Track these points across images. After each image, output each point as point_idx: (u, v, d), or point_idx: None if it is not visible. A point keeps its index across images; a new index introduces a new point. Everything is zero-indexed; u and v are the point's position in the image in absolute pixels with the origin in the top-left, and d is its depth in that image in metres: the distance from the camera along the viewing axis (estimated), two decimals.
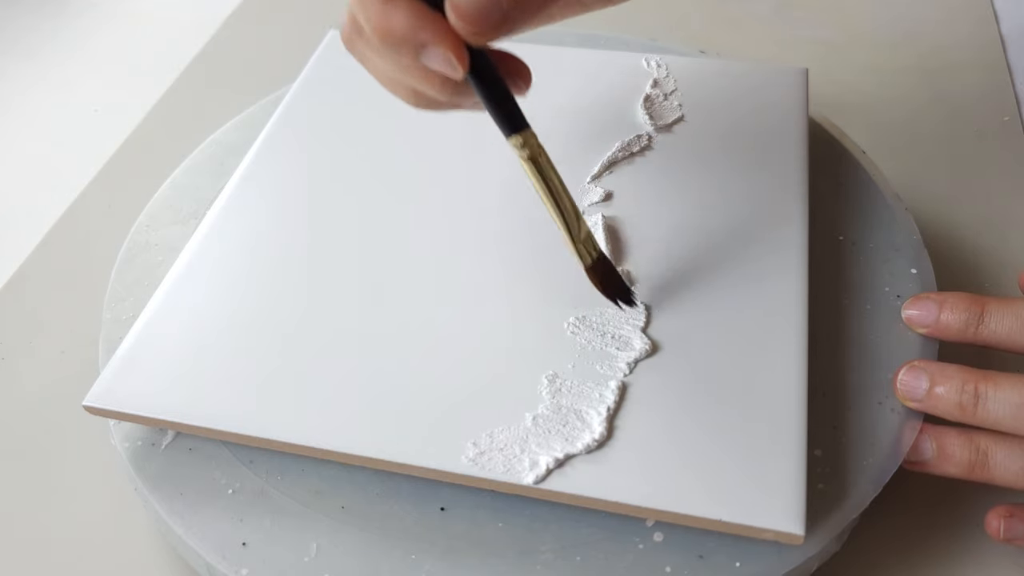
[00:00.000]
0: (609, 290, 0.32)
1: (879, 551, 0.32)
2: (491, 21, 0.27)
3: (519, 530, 0.30)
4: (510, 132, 0.30)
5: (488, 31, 0.27)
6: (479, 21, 0.27)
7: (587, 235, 0.32)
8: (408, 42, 0.27)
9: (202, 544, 0.30)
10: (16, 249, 0.46)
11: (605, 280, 0.32)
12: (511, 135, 0.30)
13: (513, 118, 0.30)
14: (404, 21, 0.27)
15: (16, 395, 0.40)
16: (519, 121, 0.30)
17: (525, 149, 0.30)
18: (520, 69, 0.31)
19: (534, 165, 0.30)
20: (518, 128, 0.30)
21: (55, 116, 0.57)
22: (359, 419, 0.30)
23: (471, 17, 0.27)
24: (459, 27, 0.27)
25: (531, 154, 0.30)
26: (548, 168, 0.30)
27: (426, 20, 0.27)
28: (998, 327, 0.31)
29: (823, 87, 0.50)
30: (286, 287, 0.35)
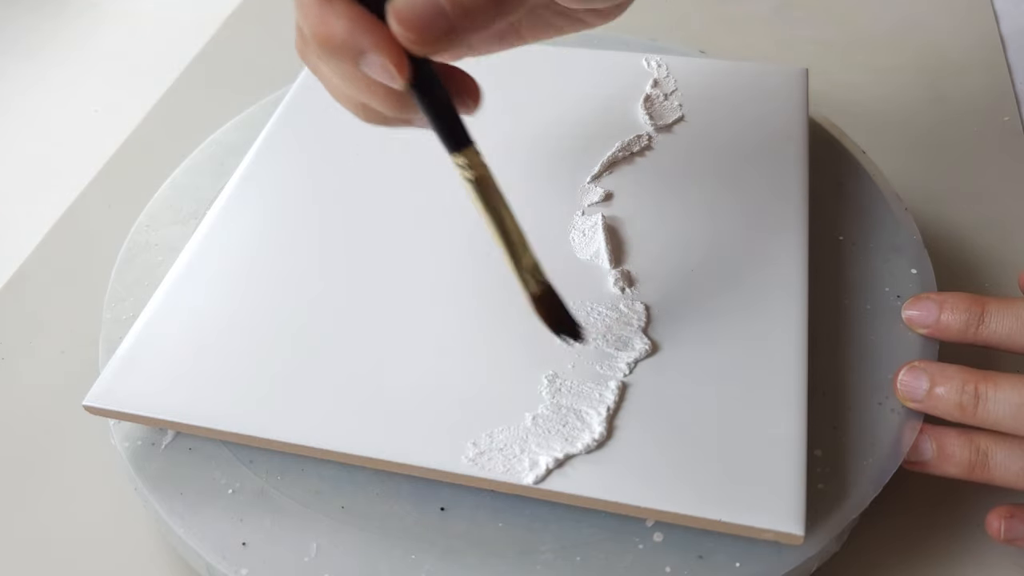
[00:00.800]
0: (554, 323, 0.30)
1: (879, 551, 0.32)
2: (434, 31, 0.25)
3: (519, 530, 0.30)
4: (452, 149, 0.28)
5: (431, 41, 0.26)
6: (421, 29, 0.25)
7: (533, 264, 0.29)
8: (347, 48, 0.26)
9: (202, 544, 0.30)
10: (16, 249, 0.46)
11: (551, 312, 0.30)
12: (453, 153, 0.28)
13: (455, 133, 0.28)
14: (342, 26, 0.26)
15: (16, 395, 0.40)
16: (462, 138, 0.28)
17: (469, 170, 0.28)
18: (469, 86, 0.29)
19: (477, 187, 0.28)
20: (460, 146, 0.28)
21: (55, 116, 0.57)
22: (359, 419, 0.30)
23: (412, 24, 0.25)
24: (400, 35, 0.25)
25: (475, 175, 0.28)
26: (492, 191, 0.28)
27: (365, 25, 0.26)
28: (998, 327, 0.31)
29: (823, 87, 0.50)
30: (286, 287, 0.35)
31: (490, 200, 0.28)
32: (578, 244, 0.36)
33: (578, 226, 0.36)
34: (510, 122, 0.41)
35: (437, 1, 0.25)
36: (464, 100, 0.29)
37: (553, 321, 0.30)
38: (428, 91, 0.27)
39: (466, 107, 0.29)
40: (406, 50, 0.26)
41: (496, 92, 0.42)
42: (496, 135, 0.40)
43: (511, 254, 0.29)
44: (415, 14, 0.25)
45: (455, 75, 0.29)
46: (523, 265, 0.29)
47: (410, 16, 0.25)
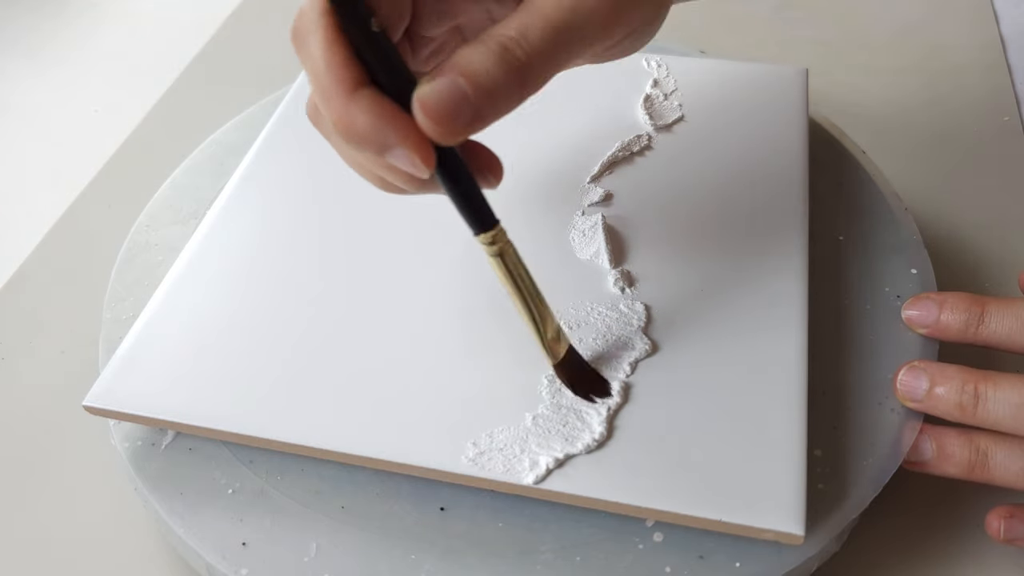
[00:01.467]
0: (577, 386, 0.31)
1: (879, 551, 0.32)
2: (461, 121, 0.25)
3: (519, 530, 0.30)
4: (478, 231, 0.28)
5: (458, 131, 0.25)
6: (448, 122, 0.24)
7: (556, 331, 0.30)
8: (371, 143, 0.25)
9: (202, 544, 0.30)
10: (16, 249, 0.46)
11: (573, 376, 0.31)
12: (478, 234, 0.28)
13: (481, 215, 0.28)
14: (367, 120, 0.25)
15: (16, 395, 0.40)
16: (487, 218, 0.28)
17: (494, 246, 0.28)
18: (491, 163, 0.28)
19: (502, 262, 0.28)
20: (487, 226, 0.28)
21: (55, 116, 0.57)
22: (359, 419, 0.30)
23: (439, 117, 0.24)
24: (426, 127, 0.24)
25: (499, 250, 0.28)
26: (517, 265, 0.29)
27: (391, 120, 0.25)
28: (998, 327, 0.31)
29: (823, 87, 0.50)
30: (286, 287, 0.35)
31: (513, 276, 0.29)
32: (578, 244, 0.36)
33: (578, 226, 0.36)
34: (510, 122, 0.41)
35: (461, 89, 0.24)
36: (486, 176, 0.28)
37: (576, 384, 0.31)
38: (452, 176, 0.27)
39: (488, 183, 0.28)
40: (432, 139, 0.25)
41: None
42: (496, 135, 0.41)
43: (535, 326, 0.30)
44: (441, 105, 0.24)
45: (477, 152, 0.28)
46: (546, 337, 0.30)
47: (436, 108, 0.24)
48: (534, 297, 0.29)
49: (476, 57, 0.25)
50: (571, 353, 0.31)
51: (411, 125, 0.25)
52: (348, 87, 0.25)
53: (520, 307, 0.29)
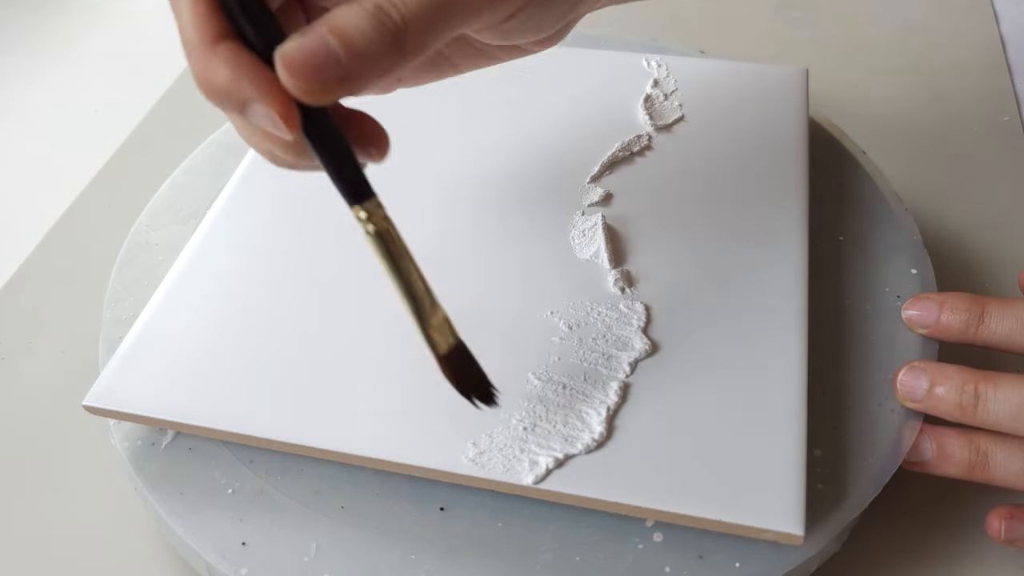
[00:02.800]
0: (463, 385, 0.29)
1: (879, 551, 0.32)
2: (326, 78, 0.23)
3: (519, 530, 0.30)
4: (352, 202, 0.26)
5: (324, 90, 0.23)
6: (312, 77, 0.23)
7: (442, 320, 0.28)
8: (231, 97, 0.24)
9: (202, 544, 0.30)
10: (16, 249, 0.46)
11: (460, 372, 0.29)
12: (352, 205, 0.26)
13: (355, 186, 0.26)
14: (225, 73, 0.23)
15: (16, 395, 0.40)
16: (362, 190, 0.26)
17: (369, 223, 0.26)
18: (375, 134, 0.27)
19: (378, 241, 0.26)
20: (360, 198, 0.26)
21: (55, 116, 0.57)
22: (359, 419, 0.30)
23: (303, 72, 0.23)
24: (288, 83, 0.23)
25: (376, 228, 0.26)
26: (395, 245, 0.26)
27: (249, 73, 0.23)
28: (998, 327, 0.31)
29: (823, 87, 0.50)
30: (286, 287, 0.35)
31: (392, 255, 0.26)
32: (578, 244, 0.36)
33: (578, 226, 0.36)
34: (510, 122, 0.41)
35: (329, 45, 0.23)
36: (368, 149, 0.27)
37: (462, 383, 0.29)
38: (322, 141, 0.25)
39: (370, 156, 0.27)
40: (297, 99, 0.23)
41: (496, 92, 0.42)
42: (496, 135, 0.41)
43: (416, 312, 0.27)
44: (305, 61, 0.23)
45: (359, 120, 0.27)
46: (430, 324, 0.27)
47: (300, 63, 0.23)
48: (416, 281, 0.27)
49: (350, 16, 0.23)
50: (459, 349, 0.28)
51: (272, 80, 0.23)
52: (209, 39, 0.24)
53: (399, 290, 0.27)
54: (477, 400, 0.29)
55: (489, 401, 0.29)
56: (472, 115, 0.41)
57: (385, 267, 0.27)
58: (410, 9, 0.24)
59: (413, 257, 0.27)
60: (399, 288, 0.27)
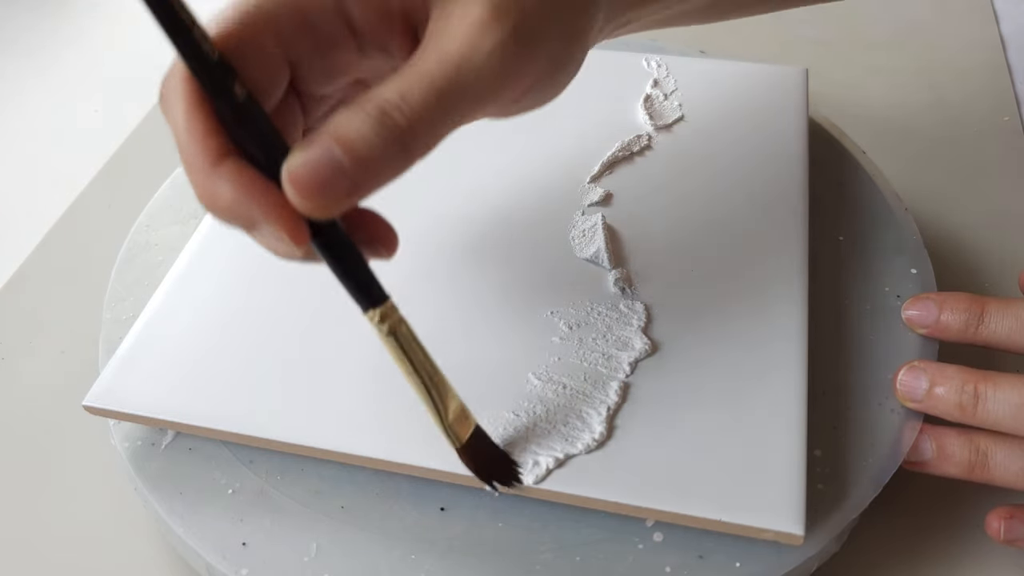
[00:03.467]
0: (483, 472, 0.28)
1: (879, 551, 0.32)
2: (336, 194, 0.22)
3: (519, 530, 0.30)
4: (365, 307, 0.26)
5: (333, 205, 0.22)
6: (321, 196, 0.22)
7: (459, 410, 0.28)
8: (237, 217, 0.23)
9: (202, 544, 0.30)
10: (16, 249, 0.46)
11: (479, 460, 0.28)
12: (366, 310, 0.26)
13: (367, 291, 0.25)
14: (231, 194, 0.22)
15: (16, 395, 0.40)
16: (375, 294, 0.26)
17: (383, 324, 0.26)
18: (384, 234, 0.26)
19: (395, 342, 0.26)
20: (374, 302, 0.26)
21: (55, 116, 0.57)
22: (359, 419, 0.31)
23: (311, 192, 0.22)
24: (297, 203, 0.22)
25: (390, 329, 0.26)
26: (410, 343, 0.27)
27: (256, 194, 0.22)
28: (998, 327, 0.31)
29: (823, 87, 0.50)
30: (286, 287, 0.35)
31: (407, 355, 0.27)
32: (578, 244, 0.36)
33: (578, 226, 0.36)
34: (510, 122, 0.41)
35: (336, 159, 0.22)
36: (377, 249, 0.26)
37: (482, 470, 0.29)
38: (331, 251, 0.25)
39: (378, 255, 0.26)
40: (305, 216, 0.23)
41: None
42: (496, 135, 0.41)
43: (435, 407, 0.27)
44: (312, 177, 0.22)
45: (367, 221, 0.26)
46: (448, 418, 0.28)
47: (307, 180, 0.22)
48: (431, 377, 0.27)
49: (353, 123, 0.22)
50: (477, 434, 0.28)
51: (279, 199, 0.22)
52: (211, 158, 0.23)
53: (417, 389, 0.27)
54: (498, 483, 0.28)
55: (509, 482, 0.28)
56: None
57: (401, 367, 0.27)
58: (415, 110, 0.23)
59: (427, 352, 0.27)
60: (415, 386, 0.27)
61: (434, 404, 0.27)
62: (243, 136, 0.23)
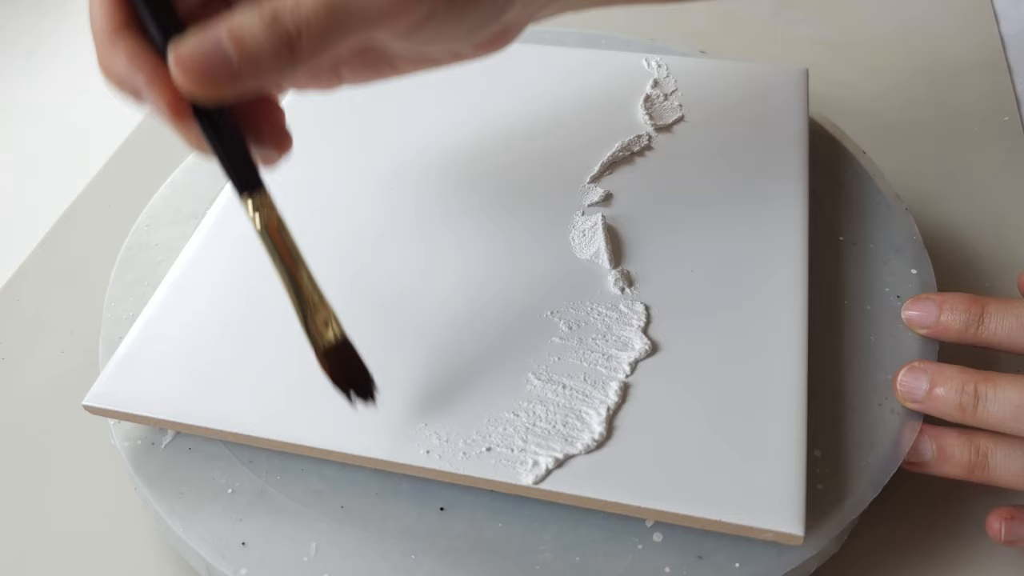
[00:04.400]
0: (341, 380, 0.29)
1: (879, 552, 0.32)
2: (217, 79, 0.24)
3: (519, 530, 0.30)
4: (239, 191, 0.26)
5: (213, 89, 0.24)
6: (201, 78, 0.24)
7: (327, 317, 0.28)
8: (126, 86, 0.25)
9: (202, 544, 0.30)
10: (16, 249, 0.46)
11: (340, 368, 0.29)
12: (242, 195, 0.26)
13: (242, 176, 0.26)
14: (122, 63, 0.25)
15: (16, 395, 0.40)
16: (250, 180, 0.26)
17: (256, 213, 0.27)
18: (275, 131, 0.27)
19: (266, 235, 0.27)
20: (249, 188, 0.26)
21: (55, 116, 0.57)
22: (359, 419, 0.30)
23: (192, 72, 0.24)
24: (179, 80, 0.24)
25: (264, 222, 0.27)
26: (283, 239, 0.27)
27: (143, 66, 0.24)
28: (998, 328, 0.31)
29: (823, 87, 0.50)
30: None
31: (280, 248, 0.27)
32: (578, 244, 0.36)
33: (578, 226, 0.36)
34: (510, 122, 0.41)
35: (223, 48, 0.24)
36: (266, 145, 0.27)
37: (340, 378, 0.29)
38: (211, 130, 0.26)
39: (267, 155, 0.28)
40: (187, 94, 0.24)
41: (496, 92, 0.42)
42: (496, 135, 0.41)
43: (299, 306, 0.28)
44: (196, 61, 0.24)
45: (264, 116, 0.27)
46: (315, 318, 0.28)
47: (191, 63, 0.24)
48: (303, 276, 0.28)
49: (246, 20, 0.24)
50: (343, 346, 0.29)
51: (164, 75, 0.24)
52: (113, 29, 0.25)
53: (286, 285, 0.28)
54: (354, 395, 0.29)
55: (367, 397, 0.29)
56: (472, 116, 0.41)
57: (272, 260, 0.27)
58: (303, 19, 0.24)
59: (301, 253, 0.28)
60: (285, 282, 0.28)
61: (300, 303, 0.28)
62: (144, 15, 0.25)
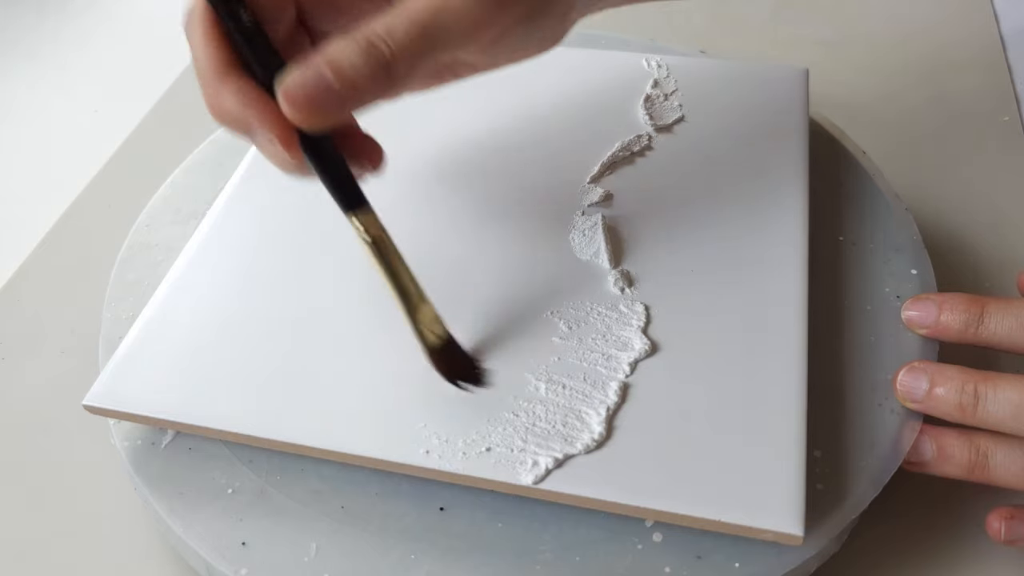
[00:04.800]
0: (452, 375, 0.31)
1: (879, 551, 0.32)
2: (323, 107, 0.26)
3: (519, 530, 0.30)
4: (347, 211, 0.29)
5: (320, 116, 0.26)
6: (309, 107, 0.26)
7: (432, 317, 0.30)
8: (238, 124, 0.27)
9: (202, 544, 0.30)
10: (16, 249, 0.46)
11: (449, 365, 0.31)
12: (348, 214, 0.29)
13: (348, 197, 0.29)
14: (233, 103, 0.27)
15: (16, 395, 0.40)
16: (356, 200, 0.29)
17: (364, 231, 0.29)
18: (370, 150, 0.30)
19: (373, 247, 0.29)
20: (354, 207, 0.29)
21: (55, 116, 0.57)
22: (359, 419, 0.31)
23: (300, 102, 0.26)
24: (288, 112, 0.26)
25: (371, 237, 0.29)
26: (388, 250, 0.30)
27: (253, 103, 0.26)
28: (998, 328, 0.31)
29: (823, 87, 0.50)
30: (286, 287, 0.35)
31: (386, 260, 0.30)
32: (578, 244, 0.36)
33: (578, 226, 0.36)
34: (510, 122, 0.41)
35: (325, 78, 0.25)
36: (363, 163, 0.30)
37: (452, 373, 0.31)
38: (319, 159, 0.28)
39: (364, 169, 0.30)
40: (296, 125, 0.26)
41: (496, 92, 0.42)
42: (496, 135, 0.41)
43: (408, 311, 0.30)
44: (302, 93, 0.26)
45: (357, 137, 0.30)
46: (420, 320, 0.30)
47: (297, 94, 0.26)
48: (408, 284, 0.30)
49: (343, 50, 0.26)
50: (448, 343, 0.31)
51: (273, 110, 0.26)
52: (219, 72, 0.27)
53: (393, 291, 0.30)
54: (466, 384, 0.31)
55: (479, 382, 0.31)
56: (472, 116, 0.41)
57: (379, 270, 0.30)
58: (398, 43, 0.26)
59: (403, 259, 0.30)
60: (393, 290, 0.30)
61: (408, 308, 0.30)
62: (248, 56, 0.27)
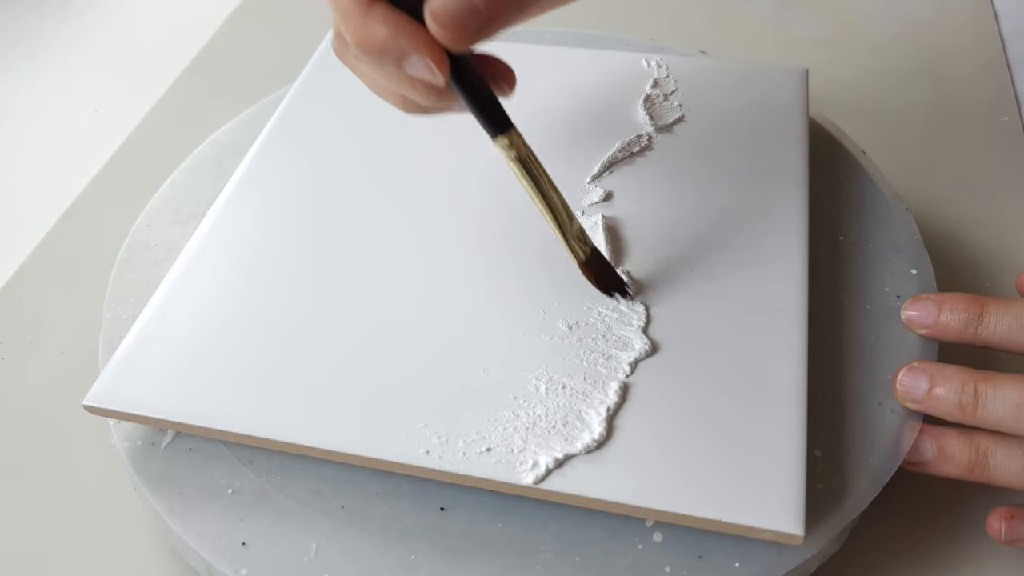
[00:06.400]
0: (603, 284, 0.33)
1: (879, 551, 0.32)
2: (470, 27, 0.27)
3: (519, 530, 0.30)
4: (496, 134, 0.30)
5: (467, 36, 0.28)
6: (458, 27, 0.27)
7: (579, 231, 0.32)
8: (389, 52, 0.28)
9: (202, 544, 0.30)
10: (16, 249, 0.47)
11: (599, 274, 0.33)
12: (497, 136, 0.30)
13: (498, 120, 0.30)
14: (383, 31, 0.28)
15: (16, 395, 0.40)
16: (504, 122, 0.30)
17: (512, 150, 0.31)
18: (504, 72, 0.31)
19: (521, 165, 0.31)
20: (503, 129, 0.30)
21: (55, 116, 0.57)
22: (359, 419, 0.30)
23: (450, 24, 0.27)
24: (438, 34, 0.27)
25: (518, 155, 0.31)
26: (536, 167, 0.31)
27: (405, 29, 0.27)
28: (997, 328, 0.31)
29: (823, 87, 0.50)
30: (286, 287, 0.35)
31: (534, 177, 0.31)
32: None
33: None
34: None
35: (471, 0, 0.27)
36: (500, 84, 0.31)
37: (602, 283, 0.33)
38: (468, 83, 0.29)
39: (502, 91, 0.31)
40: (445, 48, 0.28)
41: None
42: None
43: (559, 225, 0.32)
44: (451, 14, 0.27)
45: (489, 62, 0.31)
46: (570, 234, 0.32)
47: (446, 16, 0.27)
48: (555, 199, 0.31)
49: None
50: (595, 254, 0.33)
51: (424, 33, 0.27)
52: (363, 4, 0.28)
53: (542, 208, 0.31)
54: (618, 295, 0.33)
55: (625, 295, 0.33)
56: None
57: (528, 188, 0.31)
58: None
59: (550, 176, 0.31)
60: (541, 206, 0.32)
61: (557, 222, 0.32)
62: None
